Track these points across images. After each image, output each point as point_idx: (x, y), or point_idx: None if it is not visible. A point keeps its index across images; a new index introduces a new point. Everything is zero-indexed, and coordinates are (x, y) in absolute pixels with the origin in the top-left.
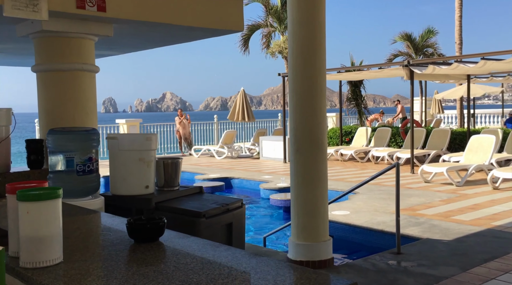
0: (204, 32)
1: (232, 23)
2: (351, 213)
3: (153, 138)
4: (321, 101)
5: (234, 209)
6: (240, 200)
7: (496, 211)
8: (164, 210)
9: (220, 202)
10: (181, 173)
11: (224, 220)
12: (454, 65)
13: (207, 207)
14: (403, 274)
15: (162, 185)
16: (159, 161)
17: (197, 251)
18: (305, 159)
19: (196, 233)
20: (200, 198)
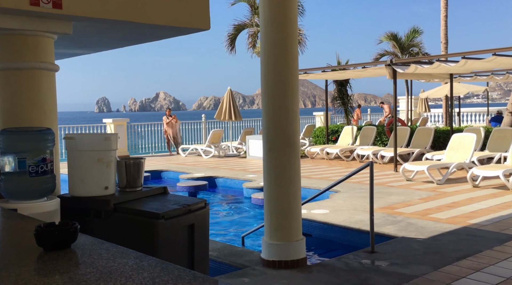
0: (169, 30)
1: (198, 21)
2: (331, 211)
3: (112, 138)
4: (293, 100)
5: (197, 209)
6: (203, 200)
7: (473, 209)
8: (122, 211)
9: (182, 202)
10: (144, 172)
11: (185, 221)
12: (435, 64)
13: (167, 207)
14: (375, 274)
15: (124, 186)
16: (121, 161)
17: (103, 260)
18: (278, 159)
19: (154, 235)
20: (163, 199)
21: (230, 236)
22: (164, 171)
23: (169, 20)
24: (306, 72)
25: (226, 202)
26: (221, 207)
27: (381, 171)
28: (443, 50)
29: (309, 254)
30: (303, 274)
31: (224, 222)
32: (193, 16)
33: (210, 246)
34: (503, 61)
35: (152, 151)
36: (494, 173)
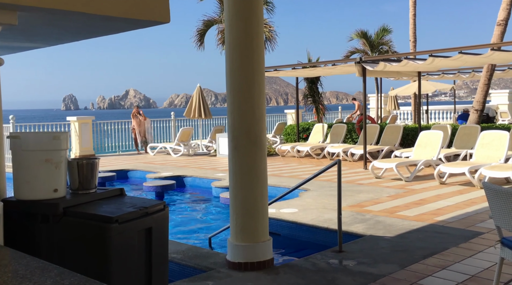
0: (125, 23)
1: (157, 13)
2: (299, 210)
3: (62, 137)
4: (259, 97)
5: (155, 212)
6: (162, 202)
7: (440, 206)
8: (73, 215)
9: (139, 205)
10: (98, 173)
11: (142, 224)
12: (404, 62)
13: (122, 211)
14: (342, 273)
15: (76, 188)
16: (73, 161)
17: (18, 278)
18: (244, 157)
19: (107, 241)
20: (118, 201)
21: (198, 237)
22: (131, 170)
23: (124, 11)
24: (276, 70)
25: (194, 202)
26: (189, 207)
27: (351, 168)
28: (411, 49)
29: (277, 254)
30: (269, 275)
31: (191, 223)
32: (150, 8)
33: (175, 248)
34: (469, 59)
35: (119, 149)
36: (460, 170)
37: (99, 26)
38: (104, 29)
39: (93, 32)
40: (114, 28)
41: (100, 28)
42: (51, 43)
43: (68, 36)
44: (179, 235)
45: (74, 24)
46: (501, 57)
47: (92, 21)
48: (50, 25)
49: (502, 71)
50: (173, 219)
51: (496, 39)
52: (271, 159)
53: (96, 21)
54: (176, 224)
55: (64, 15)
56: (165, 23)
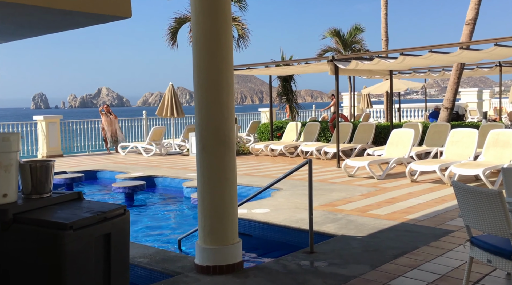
0: (85, 17)
1: (118, 8)
2: (271, 210)
3: (12, 138)
4: (228, 95)
5: (114, 217)
6: (122, 206)
7: (411, 204)
8: (24, 222)
9: (97, 209)
10: (53, 176)
11: (100, 230)
12: (375, 60)
13: (78, 216)
14: (313, 275)
15: (29, 192)
16: (25, 164)
17: None
18: (212, 158)
19: (60, 249)
20: (75, 206)
21: (168, 240)
22: (100, 171)
23: (82, 5)
24: (249, 68)
25: (165, 203)
26: (160, 208)
27: (324, 167)
28: (383, 47)
29: (249, 255)
30: (238, 279)
31: (162, 224)
32: (110, 2)
33: (142, 252)
34: (438, 58)
35: (89, 149)
36: (431, 168)
37: (57, 20)
38: (63, 24)
39: (50, 27)
40: (73, 23)
41: (58, 23)
42: (7, 39)
43: (24, 31)
44: (148, 237)
45: (29, 19)
46: (470, 56)
47: (48, 16)
48: (3, 20)
49: (471, 70)
50: (143, 221)
51: (465, 38)
52: (245, 158)
53: (53, 15)
54: (146, 226)
55: (19, 9)
56: (127, 18)
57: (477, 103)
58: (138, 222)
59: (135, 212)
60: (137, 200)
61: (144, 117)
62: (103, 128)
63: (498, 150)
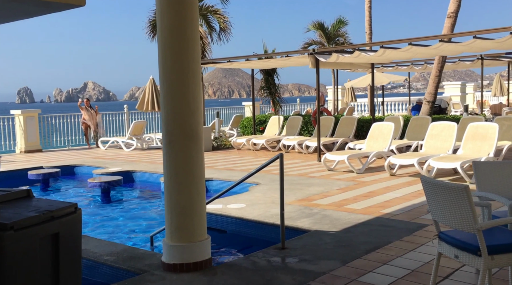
0: (36, 6)
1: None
2: (247, 205)
3: None
4: (194, 88)
5: (63, 215)
6: (73, 204)
7: (388, 198)
8: None
9: (44, 208)
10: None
11: (46, 230)
12: (356, 53)
13: (21, 215)
14: (282, 272)
15: None
16: None
17: None
18: (178, 152)
19: (0, 250)
20: (21, 205)
21: (142, 236)
22: (78, 166)
23: None
24: (230, 61)
25: (141, 198)
26: (136, 204)
27: (306, 161)
28: (367, 41)
29: (223, 252)
30: (205, 277)
31: (137, 220)
32: None
33: (109, 249)
34: (419, 51)
35: (68, 144)
36: (410, 161)
37: (7, 9)
38: (14, 14)
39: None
40: (24, 12)
41: (9, 12)
42: None
43: None
44: (121, 234)
45: None
46: (450, 48)
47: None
48: None
49: (453, 63)
50: (118, 217)
51: (447, 31)
52: (226, 152)
53: (2, 4)
54: (119, 222)
55: None
56: (80, 6)
57: (461, 96)
58: (113, 218)
59: (111, 207)
60: (113, 195)
61: (125, 111)
62: (83, 122)
63: (477, 143)
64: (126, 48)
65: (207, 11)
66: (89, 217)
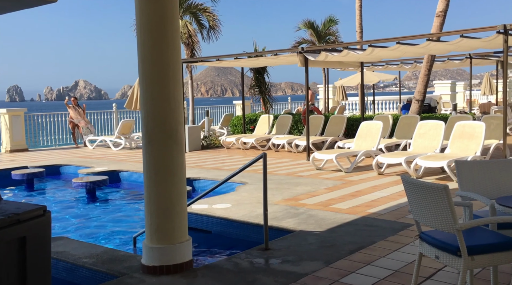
0: (8, 1)
1: None
2: (233, 205)
3: None
4: (175, 86)
5: (30, 218)
6: (42, 207)
7: (374, 197)
8: None
9: (10, 211)
10: None
11: (12, 234)
12: (344, 52)
13: None
14: (264, 274)
15: None
16: None
17: None
18: (158, 152)
19: None
20: None
21: (125, 237)
22: (63, 166)
23: None
24: (218, 59)
25: (127, 198)
26: (121, 204)
27: (295, 160)
28: (358, 39)
29: (206, 253)
30: (185, 279)
31: (121, 221)
32: None
33: (89, 251)
34: (407, 50)
35: (55, 143)
36: (397, 160)
37: None
38: None
39: None
40: None
41: None
42: None
43: None
44: (104, 235)
45: None
46: (437, 47)
47: None
48: None
49: (442, 62)
50: (102, 217)
51: (435, 30)
52: (216, 151)
53: None
54: (104, 223)
55: None
56: (53, 2)
57: (451, 95)
58: (98, 219)
59: (95, 208)
60: (99, 195)
61: (114, 110)
62: (70, 121)
63: (464, 142)
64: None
65: (196, 9)
66: (73, 218)
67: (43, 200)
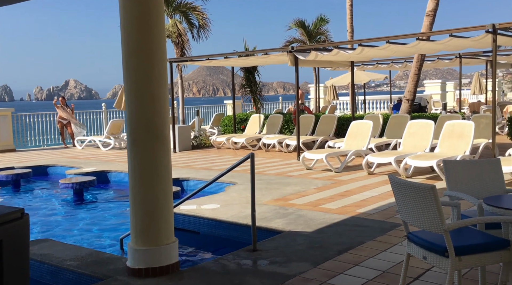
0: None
1: None
2: (222, 206)
3: None
4: (160, 86)
5: (7, 221)
6: (19, 210)
7: (364, 197)
8: None
9: None
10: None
11: None
12: (334, 51)
13: None
14: (252, 276)
15: None
16: None
17: None
18: (143, 153)
19: None
20: None
21: (112, 238)
22: (51, 166)
23: None
24: (208, 59)
25: (116, 199)
26: (109, 205)
27: (285, 160)
28: (349, 38)
29: (194, 254)
30: (171, 282)
31: (109, 222)
32: None
33: (73, 254)
34: (397, 49)
35: (44, 143)
36: (387, 160)
37: None
38: None
39: None
40: None
41: None
42: None
43: None
44: (91, 236)
45: None
46: (427, 47)
47: None
48: None
49: (432, 62)
50: (89, 218)
51: (425, 30)
52: (206, 151)
53: None
54: (90, 225)
55: None
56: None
57: (441, 94)
58: (85, 220)
59: (83, 209)
60: (86, 196)
61: (103, 110)
62: (59, 121)
63: (453, 141)
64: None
65: (186, 8)
66: (60, 219)
67: (29, 201)
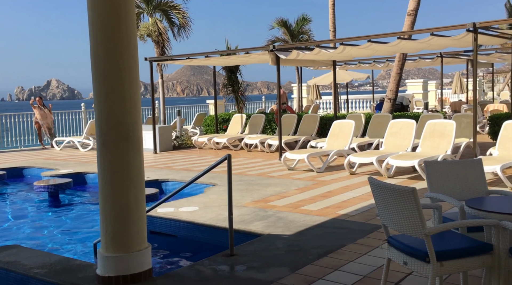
0: None
1: None
2: (200, 208)
3: None
4: (131, 85)
5: None
6: None
7: (345, 198)
8: None
9: None
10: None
11: None
12: (316, 50)
13: None
14: (228, 282)
15: None
16: None
17: None
18: (113, 155)
19: None
20: None
21: (86, 243)
22: (27, 168)
23: None
24: (189, 58)
25: (92, 202)
26: (85, 208)
27: (267, 160)
28: (331, 38)
29: (170, 259)
30: None
31: (84, 226)
32: None
33: (42, 261)
34: (379, 48)
35: (21, 144)
36: (369, 160)
37: None
38: None
39: None
40: None
41: None
42: None
43: None
44: (64, 241)
45: None
46: (409, 46)
47: None
48: None
49: (414, 61)
50: (63, 222)
51: (407, 29)
52: (187, 152)
53: None
54: (65, 229)
55: None
56: None
57: (423, 94)
58: (59, 224)
59: (57, 213)
60: (62, 199)
61: (82, 110)
62: (36, 122)
63: (435, 141)
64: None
65: (166, 6)
66: (32, 224)
67: (1, 205)
